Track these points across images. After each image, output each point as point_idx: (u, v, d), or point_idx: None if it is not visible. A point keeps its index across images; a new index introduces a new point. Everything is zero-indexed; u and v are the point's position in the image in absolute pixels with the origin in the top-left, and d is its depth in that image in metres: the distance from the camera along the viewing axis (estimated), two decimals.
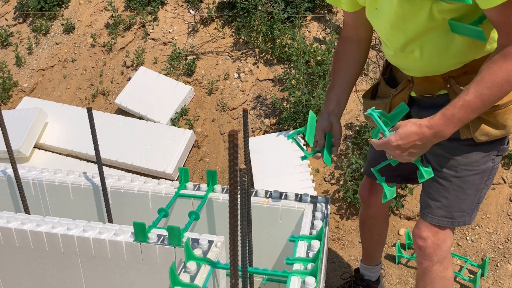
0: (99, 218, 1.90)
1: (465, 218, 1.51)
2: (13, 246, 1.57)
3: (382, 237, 2.01)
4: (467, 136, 1.38)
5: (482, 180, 1.46)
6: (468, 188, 1.46)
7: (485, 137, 1.37)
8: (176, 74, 3.52)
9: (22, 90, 3.85)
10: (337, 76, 1.59)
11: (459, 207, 1.48)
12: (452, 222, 1.50)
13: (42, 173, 1.90)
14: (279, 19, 3.34)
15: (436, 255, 1.52)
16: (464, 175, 1.44)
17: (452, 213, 1.49)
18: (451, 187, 1.46)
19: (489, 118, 1.35)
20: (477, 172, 1.44)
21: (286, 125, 3.05)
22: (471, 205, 1.49)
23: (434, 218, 1.51)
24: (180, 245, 1.41)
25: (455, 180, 1.45)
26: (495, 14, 1.16)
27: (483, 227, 2.47)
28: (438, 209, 1.50)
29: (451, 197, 1.47)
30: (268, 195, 1.69)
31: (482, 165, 1.43)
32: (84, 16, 4.08)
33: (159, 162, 2.99)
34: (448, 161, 1.45)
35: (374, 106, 1.39)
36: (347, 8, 1.49)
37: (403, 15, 1.27)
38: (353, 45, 1.58)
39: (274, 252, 1.75)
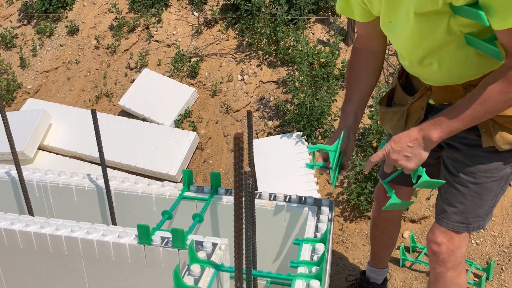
0: (103, 220, 1.89)
1: (479, 223, 1.49)
2: (17, 248, 1.57)
3: (393, 240, 1.99)
4: (489, 145, 1.36)
5: (499, 186, 1.44)
6: (486, 194, 1.43)
7: (508, 146, 1.35)
8: (179, 76, 3.53)
9: (26, 91, 3.86)
10: (353, 89, 1.54)
11: (476, 212, 1.46)
12: (468, 228, 1.48)
13: (46, 175, 1.90)
14: (283, 21, 3.34)
15: (450, 261, 1.50)
16: (482, 181, 1.42)
17: (468, 218, 1.47)
18: (468, 193, 1.44)
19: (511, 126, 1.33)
20: (496, 179, 1.42)
21: (289, 127, 3.05)
22: (486, 210, 1.47)
23: (450, 224, 1.48)
24: (184, 248, 1.40)
25: (473, 186, 1.43)
26: (504, 36, 1.15)
27: (488, 230, 2.46)
28: (454, 214, 1.47)
29: (468, 203, 1.45)
30: (272, 197, 1.69)
31: (501, 172, 1.41)
32: (88, 18, 4.09)
33: (162, 164, 2.98)
34: (467, 167, 1.43)
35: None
36: (360, 18, 1.45)
37: (421, 31, 1.25)
38: (368, 56, 1.53)
39: (278, 254, 1.74)
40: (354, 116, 1.52)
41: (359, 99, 1.53)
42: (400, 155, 1.30)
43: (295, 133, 2.96)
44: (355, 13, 1.45)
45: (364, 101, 1.55)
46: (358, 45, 1.55)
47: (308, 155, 2.85)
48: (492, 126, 1.34)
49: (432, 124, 1.26)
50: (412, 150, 1.28)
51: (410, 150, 1.28)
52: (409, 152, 1.29)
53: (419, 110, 1.47)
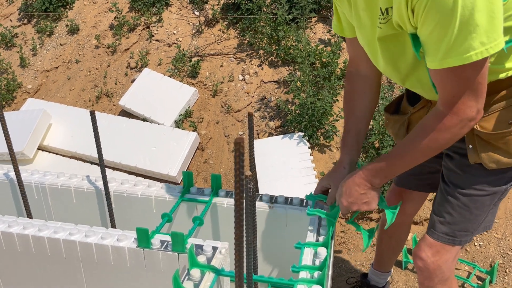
0: (102, 222, 1.87)
1: (467, 238, 1.44)
2: (15, 251, 1.55)
3: (400, 245, 1.96)
4: (476, 161, 1.32)
5: (492, 201, 1.38)
6: (476, 208, 1.38)
7: (495, 165, 1.29)
8: (180, 75, 3.50)
9: (26, 91, 3.85)
10: (351, 119, 1.50)
11: (463, 226, 1.41)
12: (454, 241, 1.43)
13: (45, 177, 1.88)
14: (284, 20, 3.31)
15: (436, 276, 1.46)
16: (472, 194, 1.36)
17: (454, 231, 1.42)
18: (456, 204, 1.39)
19: (498, 144, 1.27)
20: (488, 194, 1.36)
21: (291, 128, 3.02)
22: (476, 225, 1.41)
23: (435, 234, 1.44)
24: (183, 252, 1.38)
25: (462, 198, 1.38)
26: (434, 75, 1.15)
27: (491, 233, 2.43)
28: (440, 224, 1.43)
29: (455, 215, 1.40)
30: (274, 200, 1.66)
31: (494, 187, 1.35)
32: (89, 17, 4.07)
33: (163, 165, 2.96)
34: (458, 177, 1.38)
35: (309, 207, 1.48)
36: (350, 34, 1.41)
37: (392, 54, 1.24)
38: (360, 81, 1.49)
39: (279, 258, 1.72)
40: (356, 148, 1.49)
41: (358, 128, 1.50)
42: (359, 204, 1.35)
43: (297, 133, 2.94)
44: (345, 30, 1.43)
45: (365, 128, 1.51)
46: (351, 68, 1.52)
47: (309, 156, 2.82)
48: (478, 143, 1.29)
49: (374, 174, 1.30)
50: (366, 196, 1.33)
51: (364, 196, 1.33)
52: (365, 198, 1.34)
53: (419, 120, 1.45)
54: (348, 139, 1.50)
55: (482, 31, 1.00)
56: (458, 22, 1.00)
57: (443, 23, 1.02)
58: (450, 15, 1.00)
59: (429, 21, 1.04)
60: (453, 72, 1.07)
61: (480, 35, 1.00)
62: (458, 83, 1.09)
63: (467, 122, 1.14)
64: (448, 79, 1.10)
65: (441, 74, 1.11)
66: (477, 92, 1.10)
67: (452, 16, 0.99)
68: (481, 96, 1.11)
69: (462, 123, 1.14)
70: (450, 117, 1.13)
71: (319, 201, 1.53)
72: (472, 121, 1.14)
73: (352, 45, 1.45)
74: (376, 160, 1.31)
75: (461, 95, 1.10)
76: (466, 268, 2.35)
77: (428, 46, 1.09)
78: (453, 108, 1.12)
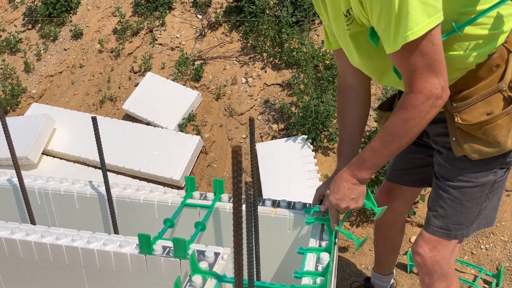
0: (105, 228, 1.87)
1: (462, 231, 1.45)
2: (17, 257, 1.55)
3: (396, 245, 1.96)
4: (460, 154, 1.35)
5: (483, 193, 1.39)
6: (467, 201, 1.40)
7: (477, 155, 1.32)
8: (183, 79, 3.50)
9: (31, 96, 3.86)
10: (345, 129, 1.56)
11: (456, 219, 1.43)
12: (449, 234, 1.44)
13: (48, 182, 1.88)
14: (287, 23, 3.31)
15: (435, 272, 1.47)
16: (460, 185, 1.39)
17: (448, 224, 1.44)
18: (447, 197, 1.42)
19: (478, 135, 1.30)
20: (476, 185, 1.38)
21: (294, 131, 3.01)
22: (470, 218, 1.43)
23: (430, 228, 1.47)
24: (185, 258, 1.38)
25: (452, 191, 1.41)
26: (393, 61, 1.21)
27: (497, 235, 2.41)
28: (434, 218, 1.46)
29: (447, 208, 1.42)
30: (276, 204, 1.65)
31: (482, 178, 1.37)
32: (92, 22, 4.08)
33: (166, 169, 2.96)
34: (447, 171, 1.41)
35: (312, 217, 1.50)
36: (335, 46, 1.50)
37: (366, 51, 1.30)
38: (349, 93, 1.55)
39: (282, 263, 1.71)
40: (351, 156, 1.51)
41: (352, 138, 1.55)
42: (347, 200, 1.36)
43: (300, 136, 2.93)
44: (332, 44, 1.51)
45: (358, 138, 1.56)
46: (340, 81, 1.59)
47: (313, 159, 2.81)
48: (460, 135, 1.33)
49: (358, 167, 1.33)
50: (353, 191, 1.35)
51: (352, 192, 1.35)
52: (352, 194, 1.36)
53: None
54: (343, 149, 1.56)
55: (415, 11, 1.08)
56: (397, 6, 1.09)
57: (386, 10, 1.11)
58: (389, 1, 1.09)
59: (374, 10, 1.14)
60: (404, 52, 1.14)
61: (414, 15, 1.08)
62: (412, 62, 1.15)
63: (434, 100, 1.18)
64: (403, 59, 1.16)
65: (396, 57, 1.17)
66: (435, 69, 1.15)
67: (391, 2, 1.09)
68: (440, 73, 1.16)
69: (429, 101, 1.18)
70: (416, 96, 1.18)
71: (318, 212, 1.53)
72: (440, 100, 1.18)
73: (338, 57, 1.52)
74: (360, 153, 1.34)
75: (420, 73, 1.15)
76: (472, 271, 2.33)
77: (380, 33, 1.17)
78: (416, 86, 1.17)
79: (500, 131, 1.29)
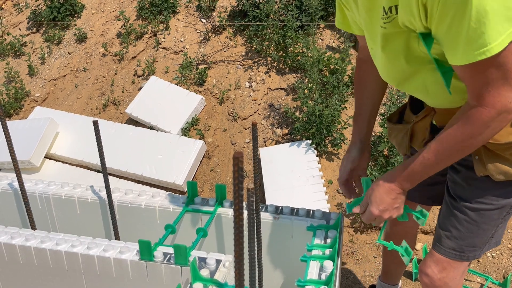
0: (106, 233, 1.85)
1: (475, 253, 1.39)
2: (17, 262, 1.53)
3: None
4: (483, 174, 1.27)
5: (501, 215, 1.33)
6: (484, 223, 1.33)
7: (503, 177, 1.25)
8: (187, 83, 3.49)
9: (34, 99, 3.86)
10: (362, 100, 1.48)
11: (471, 241, 1.36)
12: (461, 256, 1.38)
13: (49, 187, 1.87)
14: (292, 27, 3.29)
15: None
16: (479, 208, 1.32)
17: (462, 246, 1.37)
18: (463, 219, 1.35)
19: (506, 155, 1.22)
20: (496, 207, 1.31)
21: (298, 135, 2.99)
22: (484, 240, 1.37)
23: (442, 249, 1.40)
24: (186, 265, 1.35)
25: (469, 212, 1.33)
26: (460, 71, 1.08)
27: (504, 243, 2.37)
28: (447, 239, 1.38)
29: (462, 229, 1.35)
30: (279, 211, 1.63)
31: (502, 201, 1.29)
32: (96, 26, 4.08)
33: (169, 173, 2.94)
34: (464, 190, 1.34)
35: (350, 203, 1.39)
36: (359, 32, 1.39)
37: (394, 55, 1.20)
38: (370, 66, 1.45)
39: (285, 270, 1.68)
40: (367, 128, 1.47)
41: (369, 110, 1.48)
42: (391, 210, 1.29)
43: (304, 141, 2.90)
44: (352, 27, 1.40)
45: (375, 111, 1.49)
46: (362, 55, 1.50)
47: (317, 164, 2.78)
48: (484, 154, 1.24)
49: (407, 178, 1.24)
50: (397, 201, 1.28)
51: (395, 202, 1.27)
52: (396, 204, 1.28)
53: (423, 130, 1.40)
54: (359, 121, 1.48)
55: (497, 19, 0.95)
56: (474, 14, 0.95)
57: (460, 16, 0.97)
58: (464, 6, 0.95)
59: (445, 15, 0.99)
60: (477, 65, 1.01)
61: (496, 24, 0.95)
62: (487, 75, 1.03)
63: (506, 115, 1.06)
64: (474, 72, 1.04)
65: (466, 69, 1.05)
66: (510, 80, 1.03)
67: (466, 7, 0.95)
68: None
69: (500, 116, 1.06)
70: (487, 111, 1.06)
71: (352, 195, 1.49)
72: (510, 114, 1.06)
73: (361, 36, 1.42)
74: (406, 163, 1.23)
75: (494, 86, 1.04)
76: (478, 279, 2.29)
77: (447, 42, 1.03)
78: (488, 100, 1.05)
79: None
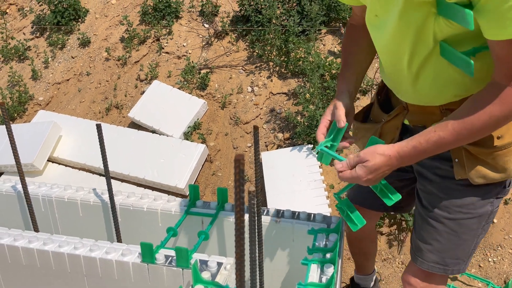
0: (108, 235, 1.86)
1: (460, 266, 1.37)
2: (19, 264, 1.55)
3: (371, 253, 1.97)
4: (462, 177, 1.25)
5: (480, 225, 1.31)
6: (464, 233, 1.32)
7: (482, 180, 1.23)
8: (189, 87, 3.51)
9: (38, 103, 3.88)
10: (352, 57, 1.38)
11: (453, 253, 1.35)
12: (445, 270, 1.37)
13: (52, 189, 1.88)
14: (294, 32, 3.31)
15: None
16: (458, 217, 1.30)
17: (445, 259, 1.36)
18: (443, 230, 1.33)
19: (487, 159, 1.21)
20: (474, 216, 1.30)
21: (300, 140, 3.00)
22: (467, 252, 1.35)
23: (425, 263, 1.38)
24: (188, 267, 1.36)
25: (448, 222, 1.31)
26: (499, 48, 1.03)
27: (506, 248, 2.37)
28: (429, 253, 1.36)
29: (443, 241, 1.33)
30: (280, 214, 1.64)
31: (479, 209, 1.29)
32: (100, 30, 4.11)
33: (171, 177, 2.95)
34: (441, 201, 1.32)
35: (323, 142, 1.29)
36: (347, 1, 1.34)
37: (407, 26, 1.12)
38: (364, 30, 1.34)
39: (286, 274, 1.69)
40: (355, 83, 1.36)
41: (359, 66, 1.38)
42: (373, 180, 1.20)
43: (306, 145, 2.91)
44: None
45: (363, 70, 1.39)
46: (353, 21, 1.43)
47: (318, 168, 2.79)
48: (465, 157, 1.23)
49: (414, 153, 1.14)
50: (385, 174, 1.20)
51: (384, 174, 1.20)
52: (383, 176, 1.20)
53: (393, 129, 1.37)
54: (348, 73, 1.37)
55: None
56: None
57: None
58: None
59: None
60: None
61: None
62: None
63: None
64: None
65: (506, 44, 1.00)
66: None
67: None
68: None
69: None
70: None
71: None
72: None
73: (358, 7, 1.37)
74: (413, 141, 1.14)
75: None
76: (479, 284, 2.29)
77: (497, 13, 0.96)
78: None
79: (510, 157, 1.22)
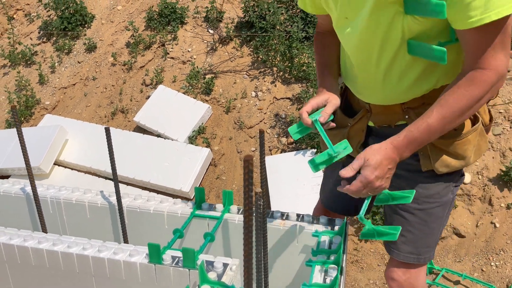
0: (115, 237, 1.89)
1: (430, 254, 1.46)
2: (28, 265, 1.57)
3: None
4: (428, 168, 1.34)
5: (444, 213, 1.41)
6: (432, 222, 1.41)
7: (446, 169, 1.33)
8: (194, 92, 3.55)
9: (44, 107, 3.93)
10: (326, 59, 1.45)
11: (425, 242, 1.43)
12: (419, 259, 1.44)
13: (60, 191, 1.91)
14: (297, 38, 3.35)
15: None
16: (426, 207, 1.39)
17: (418, 248, 1.43)
18: (414, 221, 1.41)
19: (448, 149, 1.31)
20: (440, 204, 1.40)
21: (303, 144, 3.03)
22: (435, 239, 1.44)
23: (400, 255, 1.45)
24: (194, 268, 1.39)
25: (418, 213, 1.40)
26: (470, 36, 1.11)
27: (508, 252, 2.38)
28: (403, 244, 1.44)
29: (415, 231, 1.42)
30: (285, 217, 1.66)
31: (443, 197, 1.39)
32: (106, 36, 4.16)
33: (176, 180, 2.99)
34: None
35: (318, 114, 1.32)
36: (312, 10, 1.41)
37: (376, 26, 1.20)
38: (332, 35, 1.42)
39: (290, 275, 1.71)
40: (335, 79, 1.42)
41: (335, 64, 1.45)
42: (384, 179, 1.20)
43: (309, 150, 2.94)
44: (307, 5, 1.41)
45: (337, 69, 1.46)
46: (319, 30, 1.50)
47: (322, 173, 2.82)
48: (430, 149, 1.32)
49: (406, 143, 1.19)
50: (390, 171, 1.21)
51: (390, 171, 1.21)
52: (389, 173, 1.21)
53: (359, 132, 1.44)
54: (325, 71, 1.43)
55: None
56: None
57: None
58: None
59: None
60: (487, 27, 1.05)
61: None
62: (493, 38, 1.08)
63: (502, 81, 1.12)
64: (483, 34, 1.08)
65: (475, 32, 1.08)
66: (506, 46, 1.09)
67: None
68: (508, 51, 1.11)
69: (500, 81, 1.11)
70: (492, 73, 1.11)
71: None
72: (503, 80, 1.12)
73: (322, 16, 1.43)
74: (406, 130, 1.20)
75: (496, 50, 1.09)
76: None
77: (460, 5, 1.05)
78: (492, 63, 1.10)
79: (469, 146, 1.32)
